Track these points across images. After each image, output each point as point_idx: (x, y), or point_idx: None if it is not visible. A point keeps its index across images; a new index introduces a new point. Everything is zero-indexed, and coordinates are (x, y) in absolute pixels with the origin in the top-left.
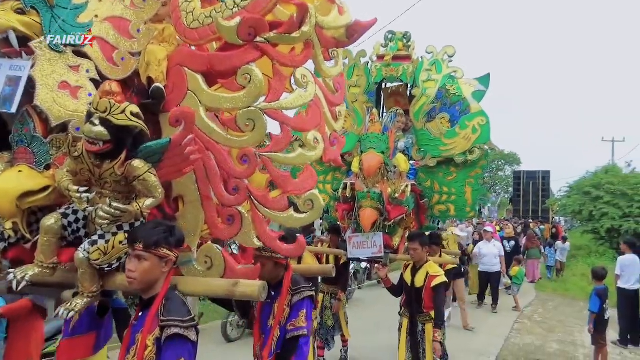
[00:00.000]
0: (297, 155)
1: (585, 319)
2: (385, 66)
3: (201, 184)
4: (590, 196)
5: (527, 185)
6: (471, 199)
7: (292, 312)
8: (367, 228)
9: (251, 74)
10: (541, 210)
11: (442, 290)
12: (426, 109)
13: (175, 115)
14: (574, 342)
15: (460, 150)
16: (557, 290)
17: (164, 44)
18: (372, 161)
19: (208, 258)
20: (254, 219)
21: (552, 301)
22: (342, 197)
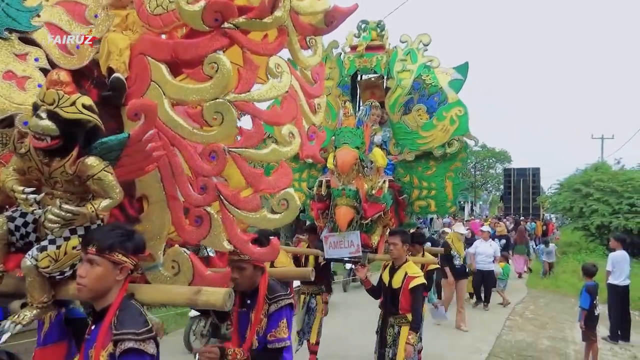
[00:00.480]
0: (271, 151)
1: (576, 315)
2: (359, 57)
3: (166, 183)
4: (580, 193)
5: (517, 183)
6: (452, 193)
7: (270, 322)
8: (343, 227)
9: (218, 63)
10: (532, 207)
11: (421, 292)
12: (402, 100)
13: (134, 108)
14: (565, 339)
15: (438, 143)
16: (548, 287)
17: (127, 32)
18: (347, 157)
19: (175, 263)
20: (223, 220)
21: (543, 298)
22: (317, 195)
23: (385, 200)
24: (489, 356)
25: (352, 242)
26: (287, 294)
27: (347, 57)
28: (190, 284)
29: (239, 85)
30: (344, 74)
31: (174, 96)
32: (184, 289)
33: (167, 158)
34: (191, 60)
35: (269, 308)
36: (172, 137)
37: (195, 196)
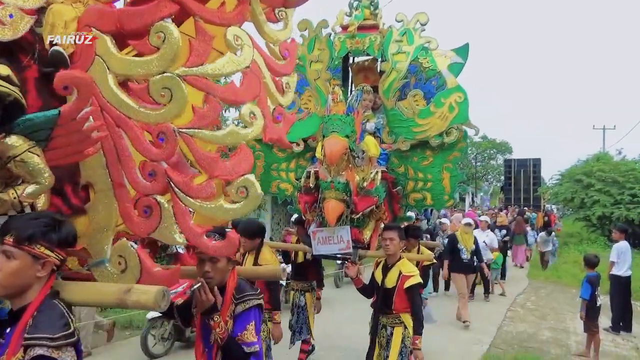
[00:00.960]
0: (228, 133)
1: (577, 306)
2: (350, 38)
3: (112, 169)
4: (581, 184)
5: (518, 173)
6: (449, 185)
7: (236, 324)
8: (332, 222)
9: (165, 32)
10: (532, 198)
11: (418, 292)
12: (397, 85)
13: (62, 80)
14: (566, 330)
15: (435, 132)
16: (550, 277)
17: (77, 4)
18: (335, 146)
19: (122, 258)
20: (175, 211)
21: (545, 289)
22: (305, 187)
23: (378, 192)
24: (489, 347)
25: (342, 238)
26: (256, 294)
27: (337, 37)
28: (138, 281)
29: (190, 58)
30: (334, 56)
31: (119, 71)
32: (113, 288)
33: (112, 140)
34: (137, 30)
35: (235, 309)
36: (117, 116)
37: (143, 183)
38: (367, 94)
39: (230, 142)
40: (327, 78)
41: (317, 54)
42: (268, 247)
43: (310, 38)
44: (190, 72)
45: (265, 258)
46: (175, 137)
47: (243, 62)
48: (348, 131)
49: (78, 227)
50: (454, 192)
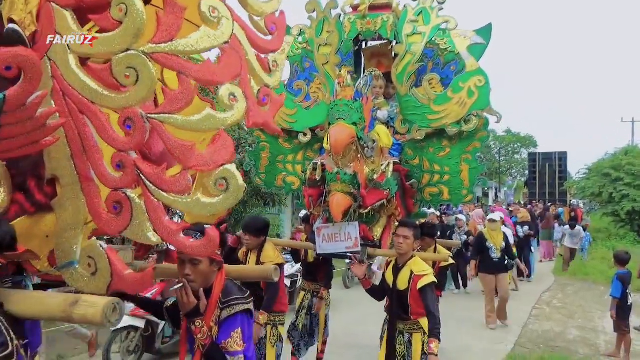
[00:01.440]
0: (204, 118)
1: (606, 304)
2: (361, 18)
3: (78, 160)
4: (609, 178)
5: (542, 168)
6: (468, 178)
7: (221, 331)
8: (338, 217)
9: (127, 4)
10: (558, 192)
11: (432, 292)
12: (411, 69)
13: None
14: (595, 329)
15: (453, 119)
16: (577, 274)
17: None
18: (341, 135)
19: (91, 260)
20: (147, 206)
21: (572, 286)
22: (310, 180)
23: (389, 185)
24: (514, 347)
25: (350, 235)
26: (244, 298)
27: (347, 18)
28: (109, 286)
29: (158, 33)
30: (344, 38)
31: (80, 49)
32: (58, 299)
33: (76, 128)
34: (98, 3)
35: (220, 314)
36: (80, 101)
37: (111, 176)
38: (377, 80)
39: (207, 128)
40: (337, 62)
41: (324, 37)
42: (272, 244)
43: (318, 20)
44: (158, 49)
45: (268, 256)
46: (143, 123)
47: (221, 37)
48: (356, 118)
49: (45, 225)
50: (474, 186)
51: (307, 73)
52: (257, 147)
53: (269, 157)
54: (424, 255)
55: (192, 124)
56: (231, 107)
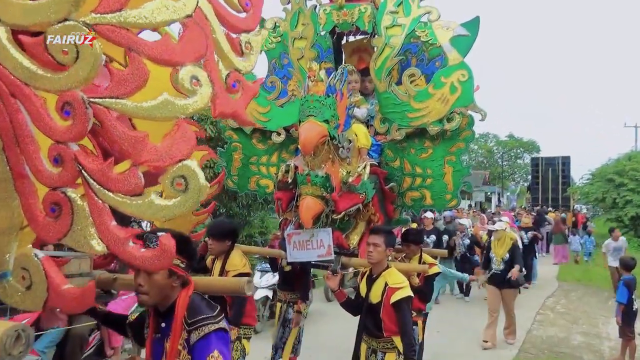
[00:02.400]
0: (160, 104)
1: (610, 309)
2: (337, 9)
3: (10, 153)
4: (613, 183)
5: (545, 172)
6: (452, 182)
7: (194, 356)
8: (308, 223)
9: None
10: (561, 198)
11: (407, 307)
12: (390, 64)
13: None
14: (599, 335)
15: (434, 118)
16: (581, 280)
17: None
18: (311, 133)
19: (25, 272)
20: (91, 209)
21: (576, 291)
22: (280, 182)
23: (365, 189)
24: (519, 352)
25: (322, 242)
26: (213, 317)
27: (322, 9)
28: (45, 302)
29: (103, 1)
30: (319, 30)
31: (12, 20)
32: None
33: (8, 115)
34: None
35: (189, 337)
36: (12, 82)
37: (48, 172)
38: (350, 75)
39: (164, 116)
40: (312, 57)
41: (300, 30)
42: (239, 251)
43: (293, 12)
44: (103, 20)
45: (233, 264)
46: (85, 109)
47: (182, 10)
48: (328, 115)
49: None
50: (458, 190)
51: (285, 70)
52: (228, 147)
53: (241, 159)
54: (400, 265)
55: (144, 110)
56: (193, 93)
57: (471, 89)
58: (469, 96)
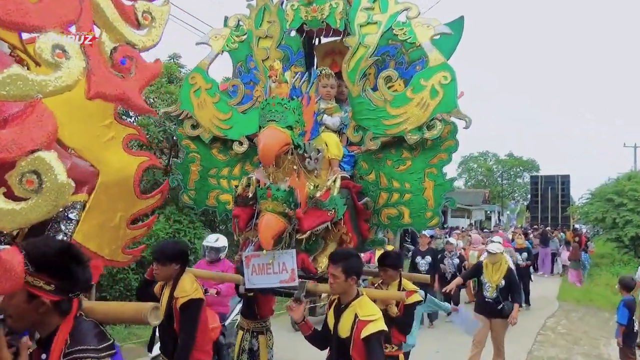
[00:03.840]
0: (8, 79)
1: (611, 330)
2: (305, 5)
3: None
4: (612, 203)
5: (545, 191)
6: (433, 198)
7: None
8: (267, 243)
9: None
10: (561, 217)
11: (379, 344)
12: (364, 65)
13: None
14: (600, 356)
15: (413, 125)
16: (581, 300)
17: None
18: (271, 140)
19: None
20: None
21: (576, 312)
22: (240, 197)
23: (335, 205)
24: None
25: (285, 266)
26: (95, 349)
27: (290, 5)
28: None
29: None
30: (285, 28)
31: None
32: None
33: None
34: None
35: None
36: None
37: None
38: (326, 79)
39: (12, 95)
40: (278, 57)
41: (265, 28)
42: (190, 276)
43: (258, 8)
44: None
45: (183, 289)
46: None
47: None
48: (291, 121)
49: None
50: (440, 207)
51: (252, 74)
52: (185, 158)
53: (199, 171)
54: (373, 293)
55: None
56: (56, 66)
57: (454, 92)
58: (452, 101)
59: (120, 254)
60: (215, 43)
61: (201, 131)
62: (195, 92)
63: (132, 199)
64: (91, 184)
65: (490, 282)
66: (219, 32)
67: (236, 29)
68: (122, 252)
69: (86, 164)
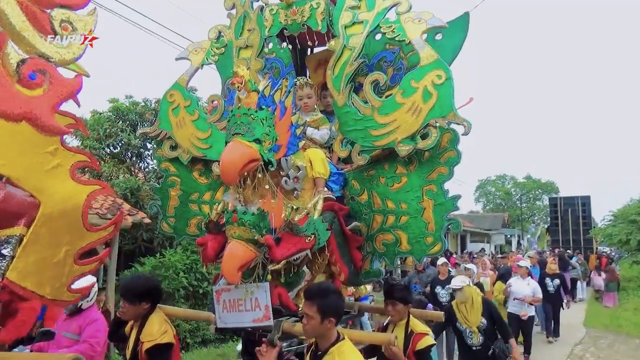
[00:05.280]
0: None
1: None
2: (285, 8)
3: None
4: (637, 224)
5: (565, 213)
6: (433, 219)
7: None
8: (231, 276)
9: None
10: (583, 239)
11: None
12: (349, 70)
13: None
14: None
15: (404, 134)
16: (609, 326)
17: None
18: (232, 155)
19: None
20: None
21: (605, 338)
22: (210, 223)
23: (315, 230)
24: None
25: (258, 302)
26: None
27: (269, 10)
28: None
29: None
30: (264, 35)
31: None
32: None
33: None
34: None
35: None
36: None
37: None
38: (300, 89)
39: None
40: (259, 68)
41: (245, 37)
42: (161, 315)
43: (238, 17)
44: None
45: (149, 332)
46: None
47: None
48: (259, 133)
49: None
50: (442, 230)
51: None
52: (164, 182)
53: (179, 196)
54: (357, 335)
55: None
56: None
57: (450, 93)
58: (448, 103)
59: (65, 293)
60: (194, 57)
61: (180, 152)
62: (174, 110)
63: (80, 232)
64: (30, 216)
65: (469, 326)
66: (199, 46)
67: (217, 41)
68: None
69: (24, 194)
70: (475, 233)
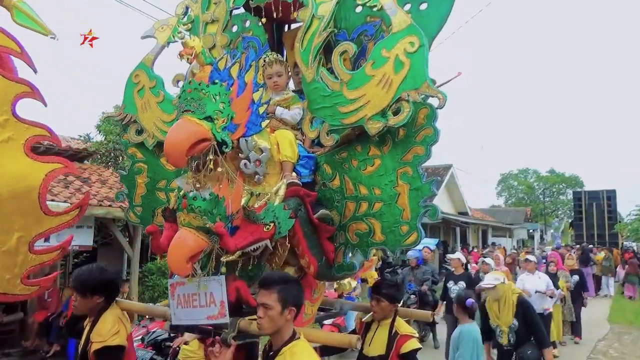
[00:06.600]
0: None
1: None
2: None
3: None
4: None
5: (589, 207)
6: (409, 206)
7: None
8: (177, 267)
9: None
10: (608, 234)
11: None
12: (318, 41)
13: None
14: None
15: (374, 110)
16: (633, 322)
17: None
18: (178, 135)
19: None
20: None
21: (629, 334)
22: (166, 211)
23: (275, 218)
24: None
25: (213, 297)
26: None
27: None
28: None
29: None
30: (230, 7)
31: None
32: None
33: None
34: None
35: None
36: None
37: None
38: (269, 66)
39: None
40: (224, 43)
41: (211, 11)
42: (115, 312)
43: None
44: None
45: (99, 331)
46: None
47: None
48: (210, 110)
49: None
50: (418, 218)
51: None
52: (130, 169)
53: (146, 183)
54: (316, 336)
55: None
56: None
57: (423, 62)
58: (421, 73)
59: (19, 285)
60: (160, 35)
61: (145, 136)
62: (139, 91)
63: (36, 216)
64: None
65: (501, 325)
66: (166, 23)
67: (183, 17)
68: (22, 282)
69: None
70: (497, 227)
